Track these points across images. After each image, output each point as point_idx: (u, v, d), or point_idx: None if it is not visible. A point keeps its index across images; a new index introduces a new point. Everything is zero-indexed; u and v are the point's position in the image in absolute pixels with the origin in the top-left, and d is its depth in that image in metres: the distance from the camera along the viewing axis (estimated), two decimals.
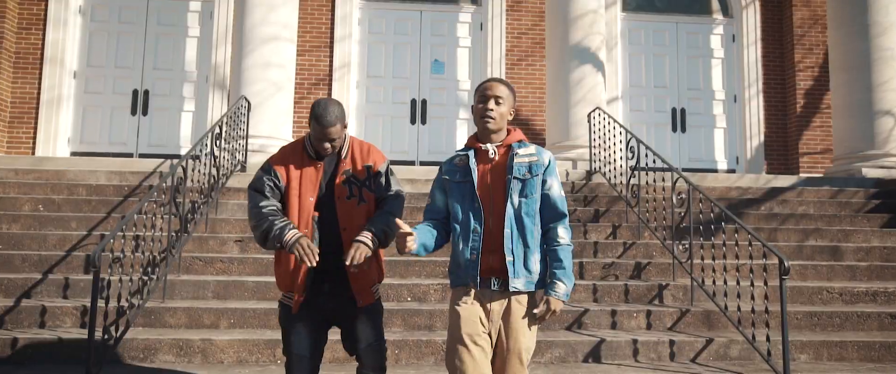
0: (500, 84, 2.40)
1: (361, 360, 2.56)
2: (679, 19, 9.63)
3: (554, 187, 2.40)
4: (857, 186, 7.21)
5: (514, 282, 2.29)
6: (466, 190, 2.39)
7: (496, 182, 2.37)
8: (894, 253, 5.63)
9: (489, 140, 2.41)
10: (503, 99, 2.38)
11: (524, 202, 2.34)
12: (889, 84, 7.86)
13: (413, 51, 9.24)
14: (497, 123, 2.37)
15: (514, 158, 2.37)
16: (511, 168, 2.35)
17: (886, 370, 3.91)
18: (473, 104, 2.44)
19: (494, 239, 2.32)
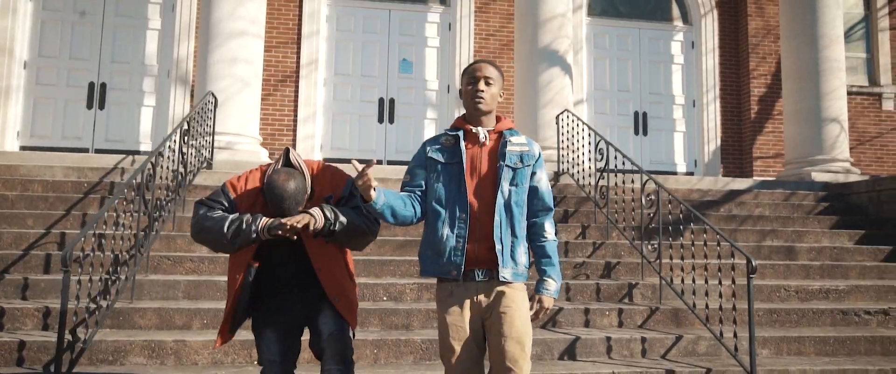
0: (490, 65, 2.33)
1: (324, 352, 2.42)
2: (641, 25, 9.90)
3: (542, 180, 2.35)
4: (807, 189, 7.56)
5: (503, 272, 2.23)
6: (454, 173, 2.29)
7: (485, 168, 2.29)
8: (843, 253, 5.94)
9: (479, 123, 2.32)
10: (493, 80, 2.31)
11: (514, 191, 2.28)
12: (836, 93, 8.28)
13: (381, 49, 9.21)
14: (488, 104, 2.29)
15: (506, 146, 2.30)
16: (503, 155, 2.28)
17: (840, 363, 4.13)
18: (462, 87, 2.36)
19: (481, 227, 2.24)
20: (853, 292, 5.15)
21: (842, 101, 8.29)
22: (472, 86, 2.30)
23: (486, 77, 2.30)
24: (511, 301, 2.23)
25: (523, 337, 2.20)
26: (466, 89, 2.33)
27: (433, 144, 2.36)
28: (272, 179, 2.32)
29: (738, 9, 10.04)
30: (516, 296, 2.25)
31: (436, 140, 2.38)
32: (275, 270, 2.48)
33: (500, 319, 2.21)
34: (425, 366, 3.88)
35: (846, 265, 5.58)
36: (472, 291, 2.24)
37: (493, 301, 2.24)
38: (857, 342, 4.43)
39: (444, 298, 2.27)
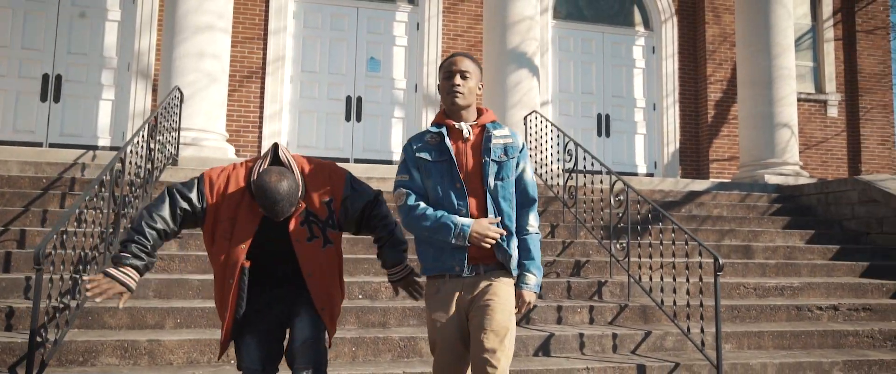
0: (466, 58, 2.29)
1: (295, 359, 2.21)
2: (605, 30, 10.14)
3: (527, 171, 2.35)
4: (761, 191, 7.91)
5: (511, 262, 2.26)
6: (445, 169, 2.27)
7: (471, 164, 2.27)
8: (795, 252, 6.24)
9: (461, 118, 2.30)
10: (470, 73, 2.27)
11: (501, 186, 2.28)
12: (787, 99, 8.68)
13: (349, 47, 9.17)
14: (466, 98, 2.27)
15: (490, 140, 2.27)
16: (488, 150, 2.26)
17: (797, 356, 4.36)
18: (439, 81, 2.34)
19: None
20: (806, 289, 5.43)
21: (793, 107, 8.69)
22: (448, 80, 2.28)
23: (462, 71, 2.26)
24: (494, 294, 2.22)
25: (501, 330, 2.17)
26: (443, 84, 2.30)
27: (418, 143, 2.32)
28: (263, 179, 2.07)
29: (696, 16, 10.40)
30: (501, 289, 2.24)
31: (420, 139, 2.34)
32: (262, 270, 2.35)
33: (481, 312, 2.20)
34: (404, 363, 3.91)
35: (799, 264, 5.87)
36: (458, 287, 2.24)
37: (477, 294, 2.23)
38: (811, 336, 4.68)
39: (432, 294, 2.28)
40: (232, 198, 2.21)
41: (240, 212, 2.18)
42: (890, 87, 11.33)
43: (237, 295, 2.20)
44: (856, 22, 11.07)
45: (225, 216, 2.19)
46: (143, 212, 2.18)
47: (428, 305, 2.28)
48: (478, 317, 2.20)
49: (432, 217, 2.22)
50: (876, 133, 10.95)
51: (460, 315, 2.24)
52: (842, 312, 5.15)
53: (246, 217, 2.18)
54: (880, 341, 4.81)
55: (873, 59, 11.13)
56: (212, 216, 2.20)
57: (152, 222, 2.15)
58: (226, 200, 2.21)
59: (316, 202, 2.26)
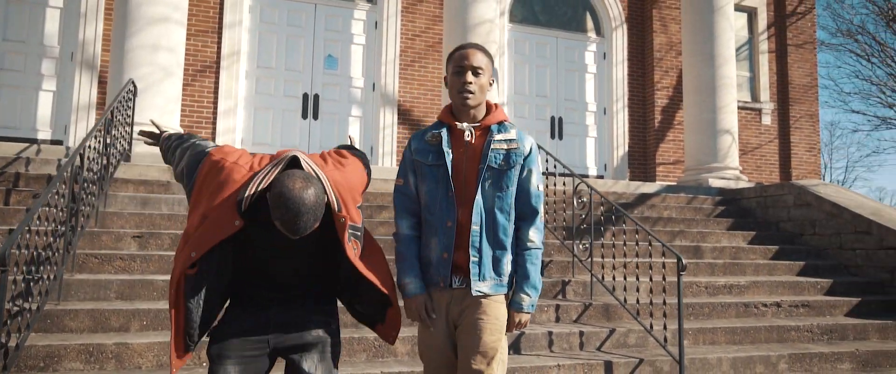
0: (479, 52, 2.07)
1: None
2: (559, 35, 10.39)
3: (532, 180, 2.12)
4: (705, 194, 8.32)
5: (479, 285, 2.06)
6: (440, 176, 2.09)
7: (470, 169, 2.07)
8: (740, 252, 6.62)
9: (466, 118, 2.09)
10: (483, 69, 2.06)
11: (498, 196, 2.07)
12: (729, 107, 9.16)
13: (306, 44, 9.04)
14: (477, 97, 2.06)
15: (490, 144, 2.06)
16: (485, 155, 2.06)
17: (747, 350, 4.64)
18: (447, 75, 2.10)
19: (464, 232, 2.07)
20: (751, 288, 5.77)
21: (733, 115, 9.18)
22: (458, 77, 2.05)
23: (475, 67, 2.04)
24: (483, 313, 2.06)
25: (490, 351, 2.03)
26: (452, 80, 2.07)
27: (418, 143, 2.15)
28: (284, 185, 1.65)
29: (644, 25, 10.82)
30: (491, 307, 2.07)
31: (420, 138, 2.16)
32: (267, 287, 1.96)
33: (469, 331, 2.05)
34: (379, 363, 3.93)
35: (744, 263, 6.23)
36: (447, 297, 2.09)
37: (467, 310, 2.07)
38: (758, 332, 4.99)
39: (421, 305, 2.14)
40: (217, 193, 1.79)
41: (215, 212, 1.76)
42: (816, 98, 12.12)
43: (183, 309, 1.81)
44: (787, 36, 11.78)
45: (202, 210, 1.81)
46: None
47: (420, 327, 2.17)
48: (466, 337, 2.06)
49: (401, 257, 2.14)
50: (804, 141, 11.69)
51: (449, 326, 2.11)
52: (784, 308, 5.51)
53: (218, 222, 1.75)
54: (818, 335, 5.17)
55: (802, 72, 11.87)
56: (194, 201, 1.84)
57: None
58: (211, 192, 1.80)
59: (353, 210, 1.89)
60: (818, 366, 4.69)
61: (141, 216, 5.17)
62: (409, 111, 9.30)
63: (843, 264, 6.66)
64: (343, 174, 1.90)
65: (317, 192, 1.69)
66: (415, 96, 9.35)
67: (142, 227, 5.14)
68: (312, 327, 1.94)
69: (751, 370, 4.49)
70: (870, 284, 6.21)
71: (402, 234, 2.16)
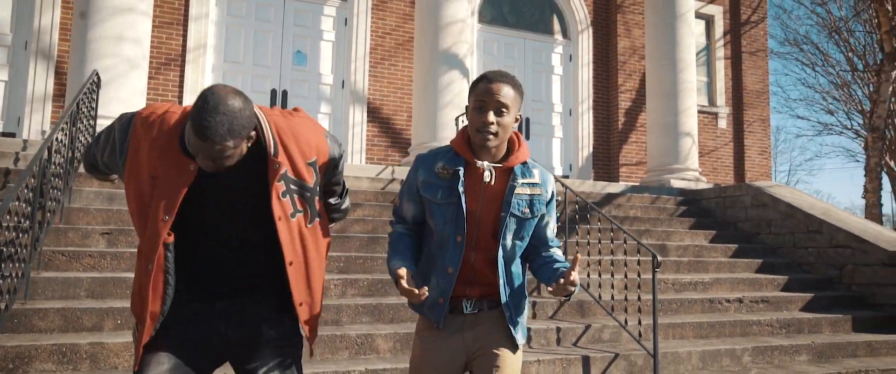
0: (506, 85, 1.79)
1: None
2: (526, 36, 10.54)
3: (550, 225, 1.96)
4: (668, 194, 8.59)
5: (519, 337, 1.92)
6: (451, 216, 1.86)
7: (486, 213, 1.87)
8: (702, 250, 6.87)
9: (487, 155, 1.85)
10: (509, 107, 1.79)
11: (517, 245, 1.91)
12: (690, 111, 9.47)
13: (275, 39, 8.91)
14: (499, 138, 1.81)
15: (513, 190, 1.86)
16: (509, 203, 1.85)
17: (714, 344, 4.84)
18: (468, 106, 1.85)
19: (480, 276, 1.91)
20: (715, 284, 6.01)
21: (694, 118, 9.50)
22: (479, 113, 1.79)
23: (501, 103, 1.78)
24: (506, 356, 1.89)
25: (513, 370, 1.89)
26: (472, 115, 1.81)
27: (426, 174, 1.90)
28: (209, 89, 1.49)
29: (609, 29, 11.08)
30: (508, 358, 1.89)
31: (429, 166, 1.90)
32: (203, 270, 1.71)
33: (494, 354, 1.89)
34: (362, 360, 3.93)
35: (707, 261, 6.48)
36: (457, 324, 1.91)
37: (486, 334, 1.90)
38: (723, 326, 5.20)
39: (426, 327, 1.96)
40: (155, 145, 1.59)
41: (163, 166, 1.58)
42: (767, 103, 12.65)
43: (163, 283, 1.61)
44: (742, 44, 12.26)
45: (145, 172, 1.59)
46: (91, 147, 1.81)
47: (418, 337, 1.97)
48: (494, 362, 1.88)
49: (392, 248, 1.94)
50: (756, 144, 12.19)
51: (458, 353, 1.91)
52: (745, 304, 5.76)
53: (170, 175, 1.58)
54: (777, 328, 5.43)
55: (755, 78, 12.37)
56: (129, 168, 1.62)
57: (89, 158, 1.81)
58: (149, 146, 1.59)
59: (299, 162, 1.65)
60: (778, 358, 4.93)
61: (109, 213, 5.02)
62: (378, 109, 9.28)
63: (796, 261, 7.00)
64: (289, 122, 1.67)
65: (245, 106, 1.50)
66: (384, 94, 9.34)
67: (110, 223, 4.99)
68: (265, 324, 1.70)
69: (718, 362, 4.68)
70: (821, 280, 6.55)
71: (395, 232, 1.99)
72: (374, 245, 5.50)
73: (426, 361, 1.91)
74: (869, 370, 4.87)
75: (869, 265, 6.35)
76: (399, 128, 9.36)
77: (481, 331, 1.90)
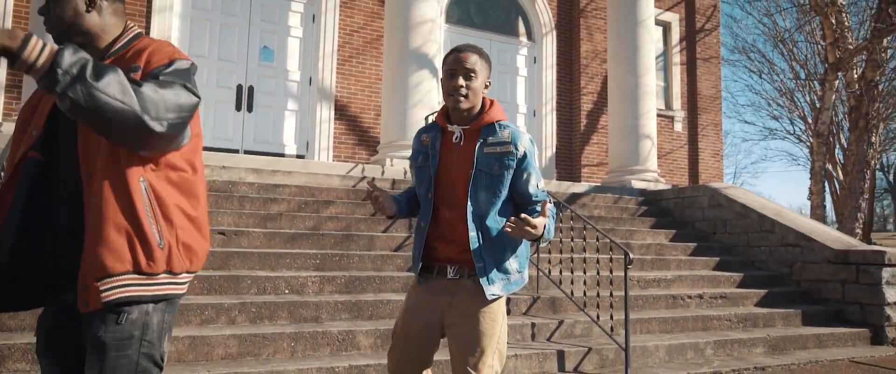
0: (472, 53, 2.04)
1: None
2: (492, 37, 10.69)
3: (531, 182, 2.07)
4: (629, 194, 8.87)
5: (491, 288, 2.03)
6: (424, 177, 2.11)
7: (459, 172, 2.05)
8: (664, 248, 7.14)
9: (459, 119, 2.07)
10: (476, 72, 2.02)
11: (493, 201, 2.04)
12: (650, 114, 9.79)
13: (241, 34, 8.77)
14: (469, 101, 2.03)
15: (482, 148, 2.04)
16: (477, 160, 2.03)
17: (678, 338, 5.06)
18: (441, 77, 2.09)
19: (455, 233, 2.06)
20: (676, 281, 6.26)
21: (653, 121, 9.83)
22: (451, 80, 2.03)
23: (468, 70, 2.01)
24: (473, 307, 2.04)
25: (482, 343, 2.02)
26: (445, 82, 2.06)
27: (416, 143, 2.20)
28: None
29: (572, 33, 11.33)
30: (478, 301, 2.04)
31: (418, 138, 2.20)
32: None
33: (461, 324, 2.04)
34: (344, 356, 3.96)
35: (668, 259, 6.74)
36: (440, 287, 2.09)
37: (461, 303, 2.05)
38: (686, 321, 5.44)
39: (413, 286, 2.20)
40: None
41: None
42: (720, 108, 13.17)
43: (8, 204, 1.48)
44: (696, 50, 12.73)
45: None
46: None
47: (408, 294, 2.21)
48: (457, 332, 2.04)
49: None
50: (709, 147, 12.69)
51: (436, 313, 2.09)
52: (705, 300, 6.03)
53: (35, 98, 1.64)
54: (736, 323, 5.71)
55: (708, 84, 12.87)
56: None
57: None
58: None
59: (140, 62, 1.53)
60: (737, 351, 5.19)
61: None
62: (346, 107, 9.25)
63: (750, 259, 7.35)
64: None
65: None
66: (352, 92, 9.31)
67: None
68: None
69: (683, 356, 4.90)
70: (773, 277, 6.90)
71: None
72: (348, 243, 5.51)
73: (410, 311, 2.13)
74: (818, 360, 5.18)
75: (816, 263, 6.73)
76: (366, 126, 9.35)
77: (458, 301, 2.06)
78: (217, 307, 4.05)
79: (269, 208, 5.84)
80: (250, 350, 3.79)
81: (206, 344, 3.69)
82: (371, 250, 5.55)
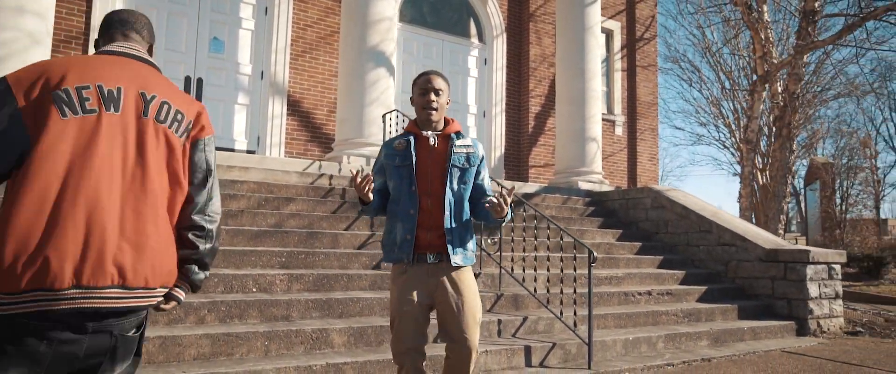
0: (438, 77, 2.63)
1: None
2: (444, 38, 10.79)
3: (486, 178, 2.72)
4: (577, 195, 9.20)
5: (454, 258, 2.57)
6: (405, 174, 2.58)
7: (435, 168, 2.59)
8: (613, 247, 7.46)
9: (430, 128, 2.61)
10: (442, 91, 2.60)
11: (463, 189, 2.62)
12: (595, 118, 10.17)
13: (190, 24, 8.47)
14: (439, 114, 2.60)
15: (453, 149, 2.60)
16: (451, 157, 2.58)
17: (633, 333, 5.33)
18: (413, 96, 2.63)
19: (433, 219, 2.57)
20: (626, 279, 6.57)
21: (599, 125, 10.22)
22: (424, 96, 2.59)
23: (437, 89, 2.59)
24: (462, 280, 2.60)
25: (475, 310, 2.59)
26: (418, 99, 2.60)
27: (388, 149, 2.65)
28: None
29: (521, 36, 11.60)
30: (466, 276, 2.62)
31: (390, 145, 2.66)
32: None
33: (454, 295, 2.56)
34: (319, 355, 3.95)
35: (617, 257, 7.06)
36: (423, 271, 2.56)
37: (445, 280, 2.57)
38: (638, 317, 5.73)
39: (399, 275, 2.60)
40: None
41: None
42: (656, 114, 13.82)
43: None
44: (636, 58, 13.31)
45: None
46: None
47: (394, 283, 2.59)
48: (453, 301, 2.56)
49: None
50: (647, 151, 13.29)
51: (423, 294, 2.55)
52: (654, 296, 6.36)
53: None
54: (682, 317, 6.06)
55: (646, 90, 13.48)
56: None
57: None
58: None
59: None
60: (685, 344, 5.52)
61: None
62: (298, 103, 9.11)
63: (690, 258, 7.80)
64: None
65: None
66: (305, 88, 9.18)
67: None
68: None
69: (637, 349, 5.17)
70: (711, 274, 7.36)
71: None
72: (312, 241, 5.47)
73: (402, 297, 2.53)
74: (755, 352, 5.59)
75: (749, 261, 7.23)
76: (319, 122, 9.25)
77: (444, 280, 2.57)
78: (185, 306, 3.95)
79: (229, 204, 5.71)
80: (223, 350, 3.73)
81: (178, 344, 3.61)
82: (336, 247, 5.53)
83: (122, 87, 1.58)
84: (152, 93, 1.62)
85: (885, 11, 9.46)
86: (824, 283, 6.85)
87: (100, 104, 1.53)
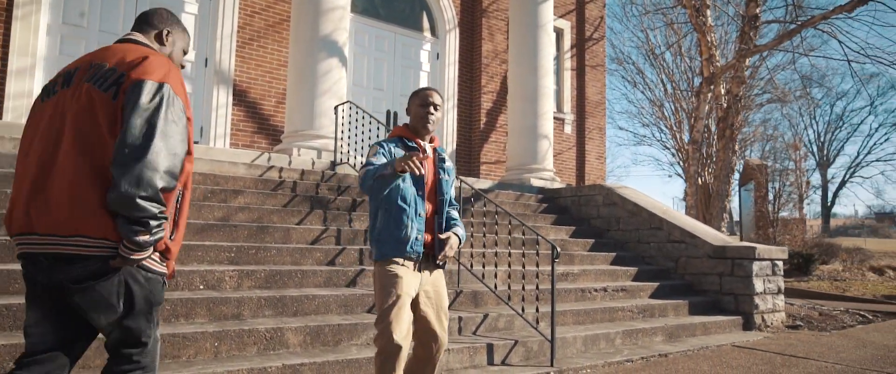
0: (437, 94, 2.92)
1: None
2: (396, 31, 10.58)
3: (453, 187, 3.03)
4: (529, 191, 9.19)
5: (438, 258, 2.82)
6: (416, 178, 2.74)
7: (430, 175, 2.85)
8: (567, 244, 7.46)
9: (423, 138, 2.86)
10: (440, 106, 2.88)
11: (446, 196, 2.90)
12: (547, 115, 10.20)
13: (127, 6, 7.95)
14: (434, 125, 2.88)
15: (443, 160, 2.92)
16: (442, 167, 2.89)
17: (591, 329, 5.31)
18: (410, 106, 2.87)
19: (428, 220, 2.82)
20: (582, 275, 6.57)
21: (550, 122, 10.26)
22: (424, 108, 2.83)
23: (436, 104, 2.85)
24: (438, 279, 2.88)
25: (446, 307, 2.89)
26: (418, 110, 2.83)
27: (393, 145, 2.81)
28: None
29: (474, 32, 11.52)
30: (441, 275, 2.90)
31: (387, 146, 2.80)
32: None
33: (433, 292, 2.83)
34: (274, 355, 3.71)
35: (573, 254, 7.06)
36: (417, 268, 2.78)
37: (428, 277, 2.82)
38: (595, 313, 5.72)
39: (397, 267, 2.72)
40: None
41: None
42: (604, 113, 14.05)
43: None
44: (585, 57, 13.48)
45: None
46: None
47: (392, 273, 2.69)
48: (432, 298, 2.83)
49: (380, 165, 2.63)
50: (595, 150, 13.49)
51: (413, 286, 2.76)
52: (609, 292, 6.38)
53: None
54: (636, 313, 6.10)
55: (595, 90, 13.68)
56: None
57: None
58: None
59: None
60: (641, 339, 5.55)
61: None
62: (245, 92, 8.71)
63: (641, 254, 7.90)
64: None
65: None
66: (253, 77, 8.78)
67: None
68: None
69: (597, 345, 5.14)
70: (661, 271, 7.47)
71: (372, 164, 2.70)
72: (262, 235, 5.18)
73: (405, 282, 2.70)
74: (708, 346, 5.68)
75: (697, 258, 7.37)
76: (267, 113, 8.87)
77: (427, 276, 2.81)
78: None
79: None
80: (169, 352, 3.43)
81: None
82: (287, 242, 5.26)
83: (80, 65, 1.88)
84: (105, 62, 1.84)
85: (821, 19, 9.89)
86: (768, 279, 7.06)
87: (60, 85, 1.87)
